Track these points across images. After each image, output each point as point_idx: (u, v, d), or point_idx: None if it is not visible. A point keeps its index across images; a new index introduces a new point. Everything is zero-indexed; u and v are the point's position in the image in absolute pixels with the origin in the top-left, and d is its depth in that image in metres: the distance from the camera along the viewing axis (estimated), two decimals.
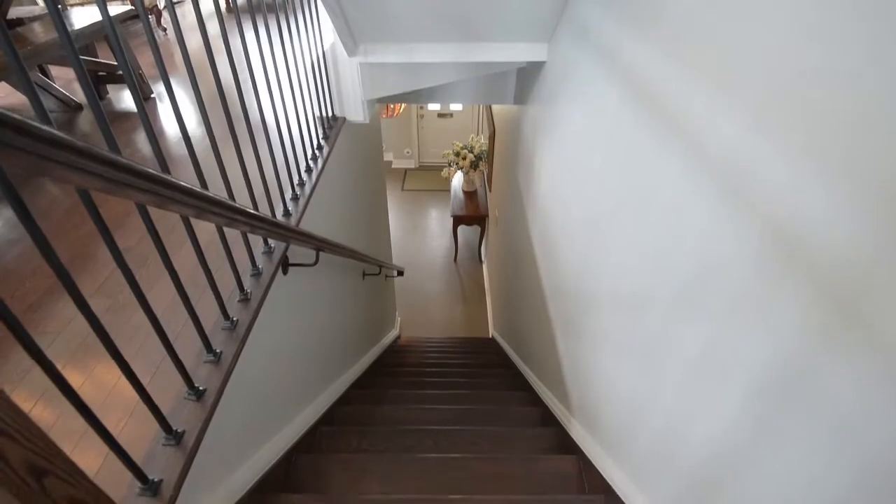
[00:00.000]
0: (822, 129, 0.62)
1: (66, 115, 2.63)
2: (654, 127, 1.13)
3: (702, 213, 0.92)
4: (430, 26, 2.11)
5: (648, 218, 1.17)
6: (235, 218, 0.91)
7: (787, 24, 0.69)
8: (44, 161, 0.46)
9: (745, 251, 0.79)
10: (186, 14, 4.41)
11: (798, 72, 0.66)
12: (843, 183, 0.59)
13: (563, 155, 2.02)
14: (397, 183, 8.19)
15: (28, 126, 0.43)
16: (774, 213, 0.71)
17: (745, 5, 0.79)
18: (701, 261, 0.93)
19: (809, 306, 0.65)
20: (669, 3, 1.05)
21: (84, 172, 0.50)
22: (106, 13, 0.81)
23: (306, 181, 1.87)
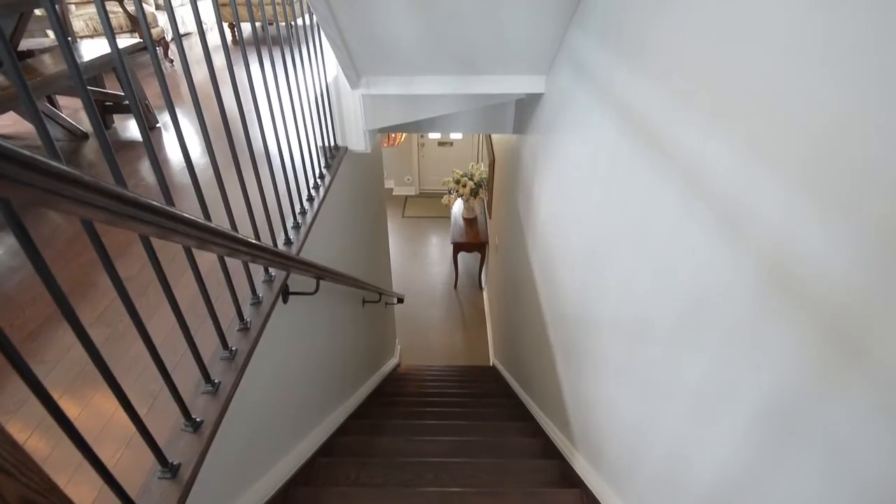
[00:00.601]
0: (814, 161, 0.64)
1: (72, 143, 2.66)
2: (650, 157, 1.14)
3: (699, 242, 0.93)
4: (430, 59, 2.16)
5: (647, 247, 1.18)
6: (237, 248, 0.92)
7: (778, 59, 0.71)
8: (51, 195, 0.47)
9: (742, 282, 0.79)
10: (193, 46, 4.51)
11: (790, 104, 0.68)
12: (837, 216, 0.60)
13: (562, 183, 2.04)
14: (398, 210, 8.24)
15: (36, 161, 0.44)
16: (770, 244, 0.72)
17: (735, 40, 0.81)
18: (699, 290, 0.93)
19: (807, 338, 0.65)
20: (660, 38, 1.09)
21: (90, 206, 0.51)
22: (115, 46, 0.83)
23: (308, 210, 1.88)
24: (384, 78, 2.31)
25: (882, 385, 0.55)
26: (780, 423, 0.72)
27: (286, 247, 1.66)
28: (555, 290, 2.18)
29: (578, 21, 1.78)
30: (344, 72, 2.18)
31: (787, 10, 0.68)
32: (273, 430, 1.59)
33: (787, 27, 0.69)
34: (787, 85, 0.69)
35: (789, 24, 0.68)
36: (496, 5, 1.79)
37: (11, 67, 0.61)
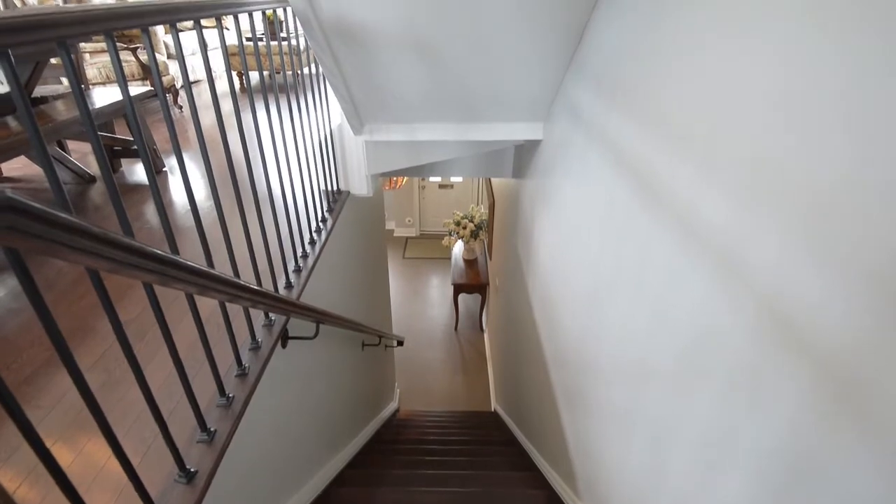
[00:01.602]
0: (808, 212, 0.65)
1: (80, 186, 2.71)
2: (646, 203, 1.16)
3: (697, 288, 0.93)
4: (431, 108, 2.23)
5: (645, 291, 1.18)
6: (239, 295, 0.92)
7: (768, 108, 0.73)
8: (59, 246, 0.47)
9: (741, 326, 0.79)
10: (202, 93, 4.66)
11: (782, 152, 0.70)
12: (833, 266, 0.61)
13: (560, 227, 2.06)
14: (398, 251, 8.28)
15: (47, 214, 0.45)
16: (767, 291, 0.72)
17: (729, 95, 0.84)
18: (699, 335, 0.93)
19: (807, 387, 0.65)
20: (653, 90, 1.12)
21: (97, 256, 0.52)
22: (127, 94, 0.86)
23: (309, 253, 1.90)
24: (386, 125, 2.37)
25: (884, 436, 0.54)
26: (788, 473, 0.70)
27: (287, 290, 1.66)
28: (556, 333, 2.16)
29: (574, 72, 1.84)
30: (348, 119, 2.25)
31: (784, 66, 0.71)
32: (269, 481, 1.54)
33: (782, 82, 0.72)
34: (781, 139, 0.71)
35: (785, 80, 0.71)
36: (495, 58, 1.86)
37: (25, 115, 0.63)
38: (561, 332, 2.06)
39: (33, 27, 0.64)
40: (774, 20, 0.72)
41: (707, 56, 0.92)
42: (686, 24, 1.00)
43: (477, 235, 6.00)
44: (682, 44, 1.02)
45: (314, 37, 1.69)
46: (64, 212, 0.48)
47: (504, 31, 1.70)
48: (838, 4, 0.61)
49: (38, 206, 0.44)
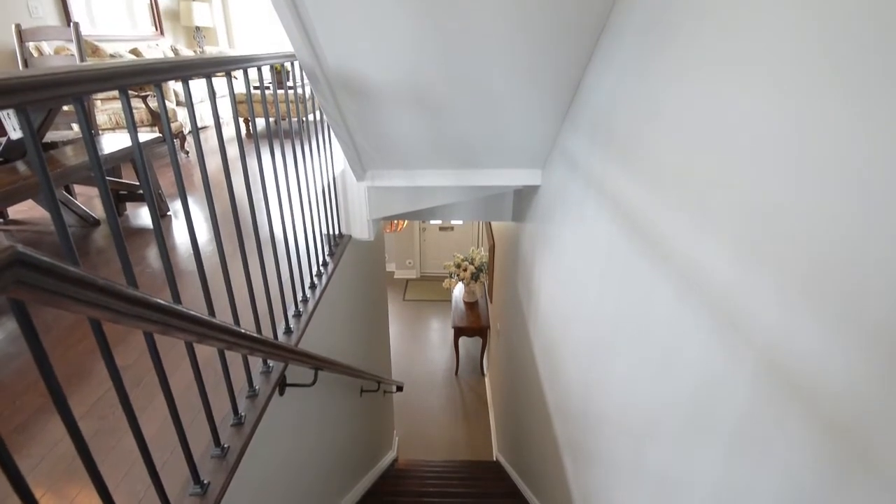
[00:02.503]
0: (805, 261, 0.65)
1: (84, 230, 2.74)
2: (646, 252, 1.17)
3: (697, 340, 0.93)
4: (432, 155, 2.29)
5: (647, 341, 1.17)
6: (239, 343, 0.92)
7: (760, 160, 0.75)
8: (67, 299, 0.48)
9: (744, 379, 0.78)
10: (209, 138, 4.77)
11: (775, 206, 0.71)
12: (832, 316, 0.61)
13: (561, 274, 2.07)
14: (399, 293, 8.26)
15: (56, 268, 0.46)
16: (767, 343, 0.72)
17: (718, 140, 0.86)
18: (702, 389, 0.92)
19: (813, 441, 0.64)
20: (648, 144, 1.16)
21: (102, 308, 0.52)
22: (136, 142, 0.89)
23: (310, 298, 1.90)
24: (388, 171, 2.42)
25: (890, 492, 0.52)
26: None
27: (286, 336, 1.65)
28: (558, 381, 2.13)
29: (570, 122, 1.90)
30: (350, 166, 2.30)
31: (776, 119, 0.74)
32: None
33: (774, 135, 0.74)
34: (775, 191, 0.73)
35: (777, 132, 0.73)
36: (495, 110, 1.92)
37: (37, 162, 0.65)
38: (564, 381, 2.03)
39: (51, 85, 0.67)
40: (764, 71, 0.76)
41: (697, 107, 0.95)
42: (675, 76, 1.04)
43: (477, 278, 6.01)
44: (670, 95, 1.06)
45: (320, 89, 1.75)
46: (72, 265, 0.49)
47: (504, 85, 1.77)
48: (833, 50, 0.63)
49: (48, 261, 0.45)
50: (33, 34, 2.84)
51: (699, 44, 0.95)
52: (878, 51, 0.55)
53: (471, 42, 1.57)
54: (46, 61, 3.00)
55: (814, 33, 0.65)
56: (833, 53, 0.61)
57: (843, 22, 0.60)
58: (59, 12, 4.15)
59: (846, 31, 0.60)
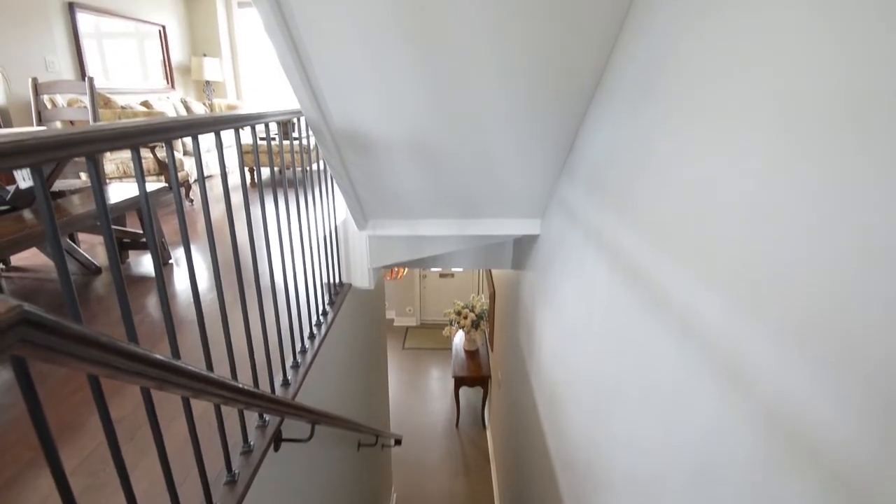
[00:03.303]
0: (802, 318, 0.66)
1: (85, 277, 2.75)
2: (645, 304, 1.17)
3: (700, 393, 0.91)
4: (433, 206, 2.33)
5: (650, 395, 1.16)
6: (236, 398, 0.91)
7: (753, 216, 0.77)
8: (69, 357, 0.48)
9: (748, 434, 0.77)
10: (214, 187, 4.86)
11: (769, 259, 0.72)
12: (829, 367, 0.61)
13: (561, 324, 2.06)
14: (398, 341, 8.17)
15: (61, 327, 0.46)
16: (770, 399, 0.71)
17: (710, 196, 0.88)
18: (707, 446, 0.90)
19: (819, 497, 0.62)
20: (642, 197, 1.18)
21: (103, 365, 0.52)
22: (144, 192, 0.91)
23: (308, 348, 1.88)
24: (390, 221, 2.46)
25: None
26: None
27: (283, 388, 1.63)
28: (562, 434, 2.08)
29: (567, 174, 1.95)
30: (352, 216, 2.34)
31: (767, 176, 0.76)
32: None
33: (765, 191, 0.76)
34: (768, 248, 0.74)
35: (768, 189, 0.76)
36: (493, 162, 1.97)
37: (46, 213, 0.67)
38: (567, 434, 1.99)
39: (66, 145, 0.70)
40: (751, 130, 0.79)
41: (686, 163, 0.98)
42: (665, 132, 1.08)
43: (478, 325, 5.96)
44: (662, 151, 1.10)
45: (325, 143, 1.80)
46: (74, 319, 0.49)
47: (502, 139, 1.83)
48: (820, 115, 0.66)
49: (54, 320, 0.45)
50: (48, 87, 2.95)
51: (688, 103, 0.99)
52: (862, 110, 0.58)
53: (471, 100, 1.64)
54: (60, 113, 3.10)
55: (803, 99, 0.68)
56: (820, 118, 0.64)
57: (830, 90, 0.63)
58: (75, 65, 4.33)
59: (832, 101, 0.63)
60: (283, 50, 1.42)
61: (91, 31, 4.52)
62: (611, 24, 1.33)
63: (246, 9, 6.23)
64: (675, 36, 1.05)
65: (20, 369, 0.55)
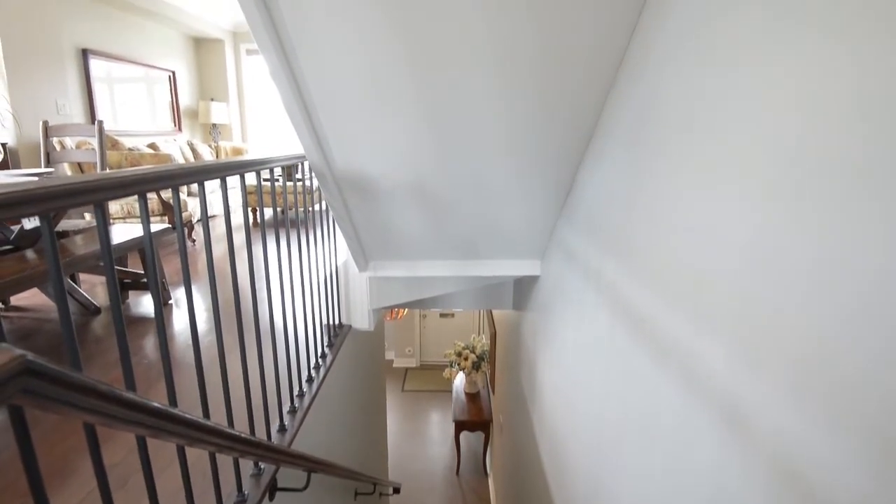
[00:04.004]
0: (802, 370, 0.66)
1: (84, 318, 2.74)
2: (647, 348, 1.17)
3: (706, 443, 0.90)
4: (434, 247, 2.35)
5: (655, 442, 1.13)
6: (232, 446, 0.89)
7: (749, 260, 0.77)
8: (68, 406, 0.48)
9: (755, 483, 0.75)
10: (216, 227, 4.90)
11: (766, 306, 0.72)
12: (838, 424, 0.60)
13: (563, 367, 2.04)
14: (397, 383, 8.03)
15: (63, 377, 0.46)
16: (776, 450, 0.70)
17: (706, 240, 0.89)
18: (715, 492, 0.87)
19: None
20: (639, 242, 1.19)
21: (100, 414, 0.52)
22: (149, 233, 0.92)
23: (306, 392, 1.86)
24: (391, 262, 2.47)
25: None
26: None
27: (280, 434, 1.59)
28: (566, 483, 2.02)
29: (566, 216, 1.97)
30: (353, 257, 2.35)
31: (761, 220, 0.77)
32: None
33: (760, 235, 0.77)
34: (765, 293, 0.74)
35: (764, 233, 0.77)
36: (493, 204, 2.00)
37: (52, 260, 0.67)
38: (572, 482, 1.93)
39: (73, 193, 0.71)
40: (748, 176, 0.80)
41: (679, 208, 1.00)
42: (661, 178, 1.10)
43: (479, 367, 5.87)
44: (657, 196, 1.11)
45: (327, 187, 1.84)
46: (76, 370, 0.49)
47: (502, 182, 1.86)
48: (806, 168, 0.68)
49: (55, 370, 0.45)
50: (58, 130, 3.02)
51: (680, 150, 1.02)
52: (847, 156, 0.59)
53: (471, 144, 1.68)
54: (68, 155, 3.17)
55: (799, 148, 0.70)
56: (817, 166, 0.66)
57: (816, 145, 0.65)
58: (85, 108, 4.45)
59: (829, 149, 0.65)
60: (288, 95, 1.46)
61: (103, 75, 4.67)
62: (607, 70, 1.37)
63: (254, 56, 6.46)
64: (668, 83, 1.09)
65: (17, 417, 0.54)
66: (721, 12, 0.88)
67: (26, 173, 2.49)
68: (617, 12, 1.21)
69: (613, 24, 1.24)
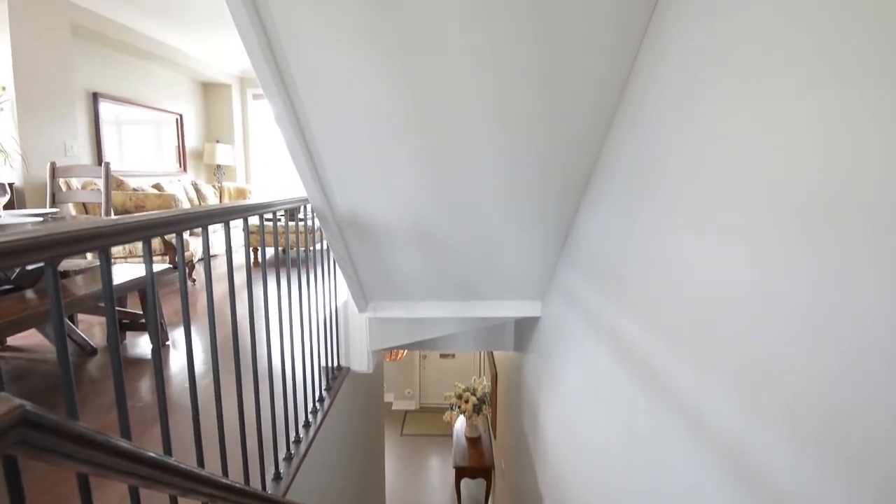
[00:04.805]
0: (807, 413, 0.65)
1: (80, 359, 2.71)
2: (649, 393, 1.15)
3: (713, 488, 0.87)
4: (434, 288, 2.35)
5: (662, 488, 1.10)
6: (226, 497, 0.87)
7: (747, 306, 0.77)
8: (61, 457, 0.48)
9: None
10: (217, 266, 4.91)
11: (769, 354, 0.72)
12: (839, 472, 0.59)
13: (566, 410, 2.00)
14: (396, 427, 7.85)
15: (61, 427, 0.46)
16: (781, 493, 0.68)
17: (704, 284, 0.90)
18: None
19: None
20: (636, 283, 1.20)
21: (94, 465, 0.51)
22: (151, 274, 0.92)
23: (303, 438, 1.82)
24: (391, 303, 2.47)
25: None
26: None
27: (275, 483, 1.55)
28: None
29: (566, 257, 1.98)
30: (353, 297, 2.35)
31: (760, 269, 0.78)
32: None
33: (756, 282, 0.77)
34: (763, 339, 0.74)
35: (759, 280, 0.77)
36: (493, 246, 2.02)
37: (54, 303, 0.67)
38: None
39: (79, 240, 0.73)
40: (741, 218, 0.81)
41: (672, 253, 1.01)
42: (655, 222, 1.11)
43: (480, 410, 5.75)
44: (652, 241, 1.12)
45: (329, 229, 1.86)
46: (74, 421, 0.49)
47: (502, 224, 1.88)
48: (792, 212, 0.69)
49: (53, 420, 0.45)
50: (65, 171, 3.07)
51: (674, 194, 1.04)
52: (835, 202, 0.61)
53: (471, 187, 1.71)
54: (73, 196, 3.21)
55: (790, 192, 0.71)
56: (808, 211, 0.67)
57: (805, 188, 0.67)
58: (93, 149, 4.55)
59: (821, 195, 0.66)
60: (292, 138, 1.50)
61: (111, 118, 4.79)
62: (605, 114, 1.41)
63: (260, 100, 6.64)
64: (663, 128, 1.12)
65: (10, 468, 0.54)
66: (713, 61, 0.92)
67: (31, 213, 2.52)
68: (615, 58, 1.25)
69: (612, 70, 1.28)
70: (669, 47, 1.08)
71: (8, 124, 3.55)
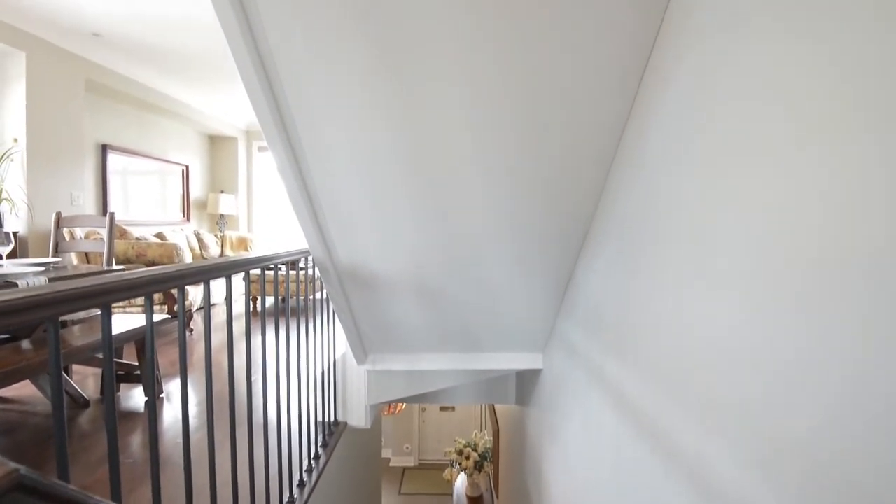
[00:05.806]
0: (811, 472, 0.63)
1: (73, 411, 2.64)
2: (655, 451, 1.12)
3: None
4: (434, 341, 2.33)
5: None
6: None
7: (752, 364, 0.77)
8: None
9: None
10: (216, 314, 4.88)
11: (766, 406, 0.71)
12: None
13: (570, 468, 1.94)
14: (394, 485, 7.55)
15: (56, 489, 0.45)
16: None
17: (703, 339, 0.89)
18: None
19: None
20: (635, 334, 1.19)
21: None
22: (151, 324, 0.92)
23: (297, 498, 1.75)
24: (390, 355, 2.44)
25: None
26: None
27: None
28: None
29: (566, 310, 1.98)
30: (352, 349, 2.33)
31: (753, 311, 0.78)
32: None
33: (754, 335, 0.77)
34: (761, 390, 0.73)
35: (759, 334, 0.77)
36: (493, 298, 2.02)
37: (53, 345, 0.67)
38: None
39: (82, 297, 0.73)
40: (737, 276, 0.82)
41: (667, 312, 1.01)
42: (650, 280, 1.12)
43: (481, 467, 5.55)
44: (654, 287, 1.13)
45: (330, 281, 1.87)
46: (68, 487, 0.48)
47: (501, 276, 1.89)
48: (784, 271, 0.70)
49: (48, 484, 0.44)
50: (70, 221, 3.11)
51: (669, 255, 1.05)
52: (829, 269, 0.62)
53: (472, 240, 1.73)
54: (76, 245, 3.24)
55: (775, 260, 0.73)
56: (798, 272, 0.68)
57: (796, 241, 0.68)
58: (98, 199, 4.62)
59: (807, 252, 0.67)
60: (294, 190, 1.53)
61: (119, 169, 4.90)
62: (602, 168, 1.45)
63: (265, 152, 6.82)
64: (658, 184, 1.15)
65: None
66: (708, 121, 0.95)
67: (34, 262, 2.54)
68: (611, 112, 1.29)
69: (609, 125, 1.32)
70: (660, 111, 1.12)
71: (17, 174, 3.63)
